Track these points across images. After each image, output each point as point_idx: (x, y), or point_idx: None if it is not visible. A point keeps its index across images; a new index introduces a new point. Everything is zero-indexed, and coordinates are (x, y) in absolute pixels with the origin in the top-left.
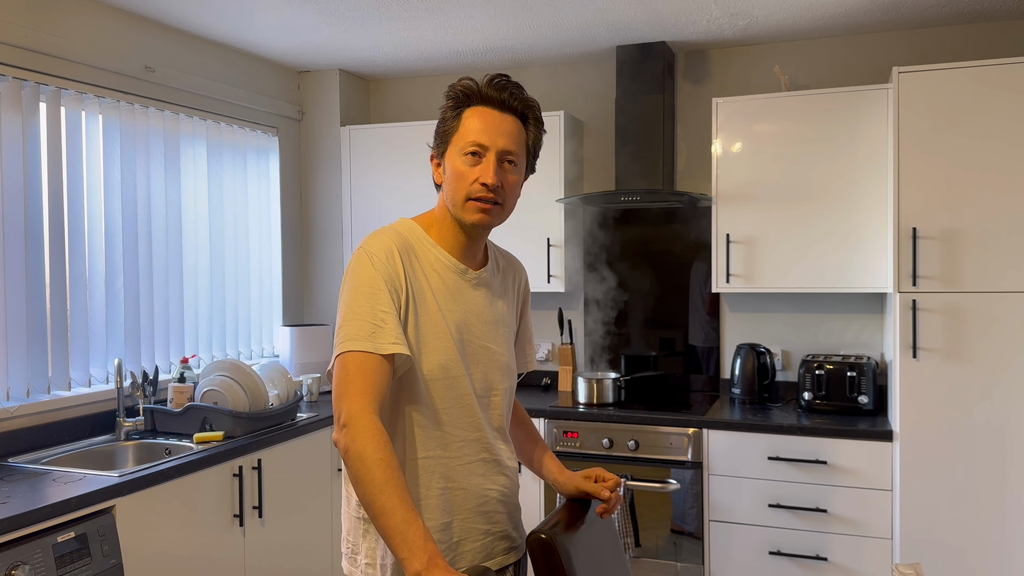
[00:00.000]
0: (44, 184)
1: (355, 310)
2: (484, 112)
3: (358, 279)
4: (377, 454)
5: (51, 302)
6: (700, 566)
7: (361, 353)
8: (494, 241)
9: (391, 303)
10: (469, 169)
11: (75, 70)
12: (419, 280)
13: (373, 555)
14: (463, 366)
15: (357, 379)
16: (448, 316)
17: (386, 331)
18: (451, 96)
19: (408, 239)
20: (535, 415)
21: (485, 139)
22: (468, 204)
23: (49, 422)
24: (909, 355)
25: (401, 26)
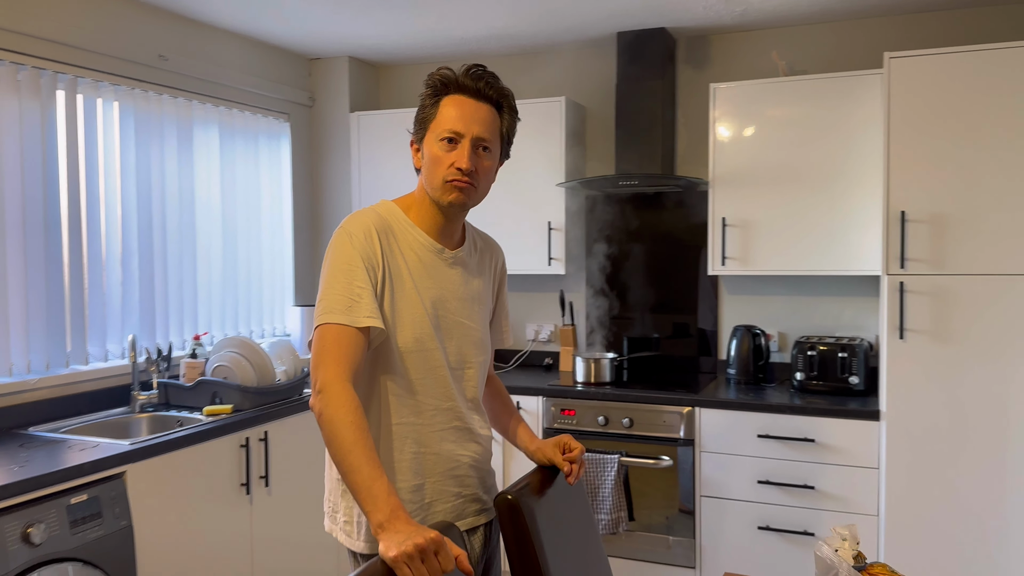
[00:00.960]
0: (62, 168)
1: (333, 285)
2: (461, 101)
3: (337, 256)
4: (348, 417)
5: (69, 281)
6: (691, 540)
7: (338, 325)
8: (495, 223)
9: (367, 279)
10: (445, 154)
11: (91, 59)
12: (396, 258)
13: (350, 514)
14: (437, 340)
15: (333, 349)
16: (423, 292)
17: (362, 305)
18: (430, 85)
19: (387, 220)
20: (535, 393)
21: (460, 126)
22: (445, 186)
23: (68, 394)
24: (896, 336)
25: (405, 14)
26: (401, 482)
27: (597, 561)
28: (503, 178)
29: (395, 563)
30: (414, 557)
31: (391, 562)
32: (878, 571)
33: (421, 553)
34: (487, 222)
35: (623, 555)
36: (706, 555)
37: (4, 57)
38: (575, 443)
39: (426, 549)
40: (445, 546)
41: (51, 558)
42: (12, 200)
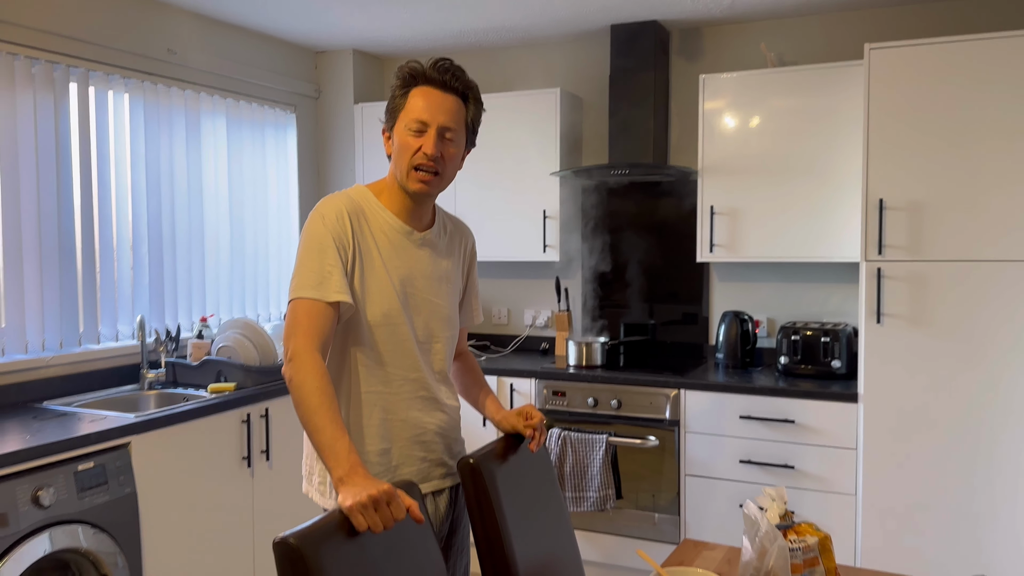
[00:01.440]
0: (75, 158)
1: (306, 263)
2: (428, 92)
3: (310, 236)
4: (314, 383)
5: (82, 265)
6: (676, 517)
7: (308, 300)
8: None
9: (338, 258)
10: (413, 141)
11: (103, 53)
12: (366, 239)
13: (324, 476)
14: (405, 315)
15: (303, 321)
16: (392, 271)
17: (332, 282)
18: (399, 77)
19: (359, 202)
20: (528, 376)
21: (427, 116)
22: (412, 173)
23: (80, 372)
24: (874, 320)
25: (401, 8)
26: (369, 446)
27: (558, 521)
28: (499, 168)
29: (351, 511)
30: (367, 506)
31: (347, 511)
32: (803, 529)
33: (374, 503)
34: (484, 210)
35: (611, 531)
36: (690, 531)
37: (19, 51)
38: (536, 412)
39: (379, 499)
40: (397, 497)
41: (60, 520)
42: (27, 188)
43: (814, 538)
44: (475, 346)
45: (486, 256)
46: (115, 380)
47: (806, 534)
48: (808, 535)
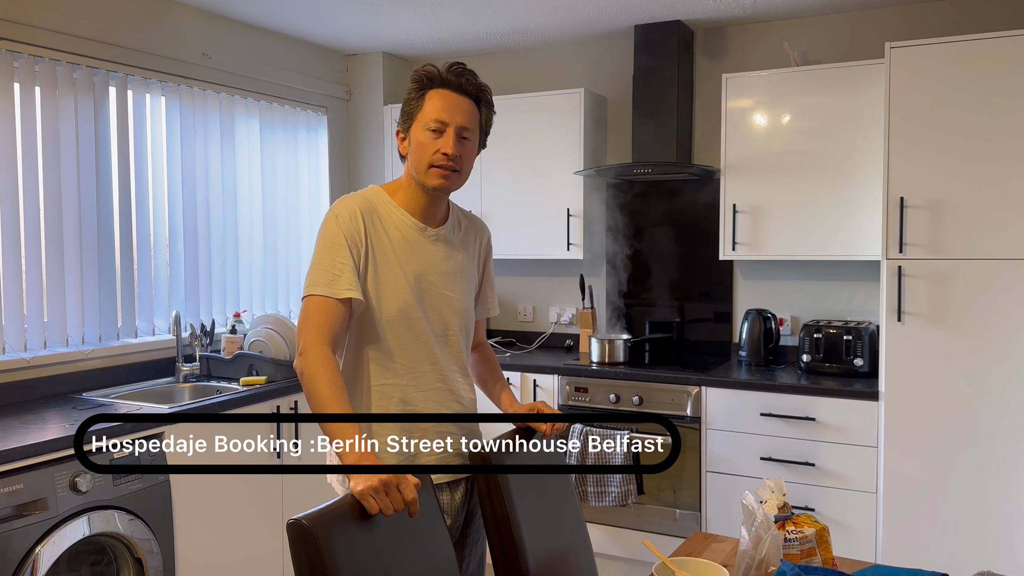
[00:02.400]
0: (114, 159)
1: (319, 261)
2: (445, 94)
3: (324, 236)
4: (325, 376)
5: (120, 262)
6: (697, 513)
7: (320, 297)
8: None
9: (349, 256)
10: (432, 141)
11: (140, 58)
12: (380, 237)
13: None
14: (420, 310)
15: (315, 317)
16: (406, 267)
17: (343, 279)
18: (416, 80)
19: (373, 202)
20: (551, 372)
21: (446, 116)
22: (431, 171)
23: (118, 364)
24: (895, 319)
25: (428, 12)
26: (389, 435)
27: (569, 513)
28: (524, 167)
29: (362, 495)
30: (378, 490)
31: (359, 495)
32: (802, 520)
33: (384, 486)
34: (509, 208)
35: (632, 526)
36: (711, 527)
37: (61, 58)
38: (549, 409)
39: (388, 483)
40: (406, 480)
41: (96, 505)
42: (69, 188)
43: (811, 529)
44: (500, 343)
45: (512, 254)
46: (151, 373)
47: (804, 525)
48: (806, 526)
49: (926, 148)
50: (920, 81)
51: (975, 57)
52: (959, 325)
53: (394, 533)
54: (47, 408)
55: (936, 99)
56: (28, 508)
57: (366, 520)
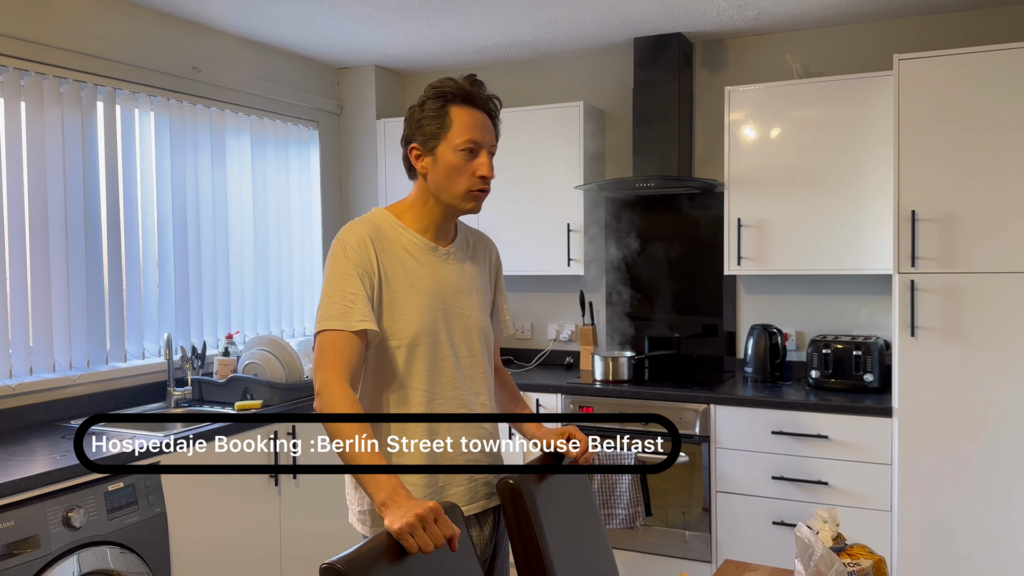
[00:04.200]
0: (102, 176)
1: (329, 294)
2: (472, 112)
3: (333, 267)
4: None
5: (109, 282)
6: (707, 535)
7: (334, 331)
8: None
9: (360, 286)
10: (466, 164)
11: (129, 72)
12: (392, 261)
13: (363, 503)
14: (439, 332)
15: (330, 353)
16: (422, 289)
17: (355, 311)
18: (437, 95)
19: (380, 226)
20: (554, 391)
21: (479, 136)
22: (468, 195)
23: (107, 390)
24: (908, 334)
25: (425, 24)
26: (413, 478)
27: (598, 542)
28: (523, 181)
29: (400, 534)
30: (416, 526)
31: (397, 534)
32: (856, 552)
33: (422, 522)
34: (508, 223)
35: (640, 549)
36: (722, 549)
37: (47, 71)
38: (580, 435)
39: (426, 517)
40: (443, 514)
41: (90, 541)
42: (55, 206)
43: (868, 561)
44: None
45: (510, 270)
46: (142, 398)
47: (860, 557)
48: (862, 558)
49: (936, 160)
50: (929, 93)
51: (984, 68)
52: (974, 340)
53: (429, 573)
54: (34, 438)
55: (945, 111)
56: (20, 546)
57: (400, 561)
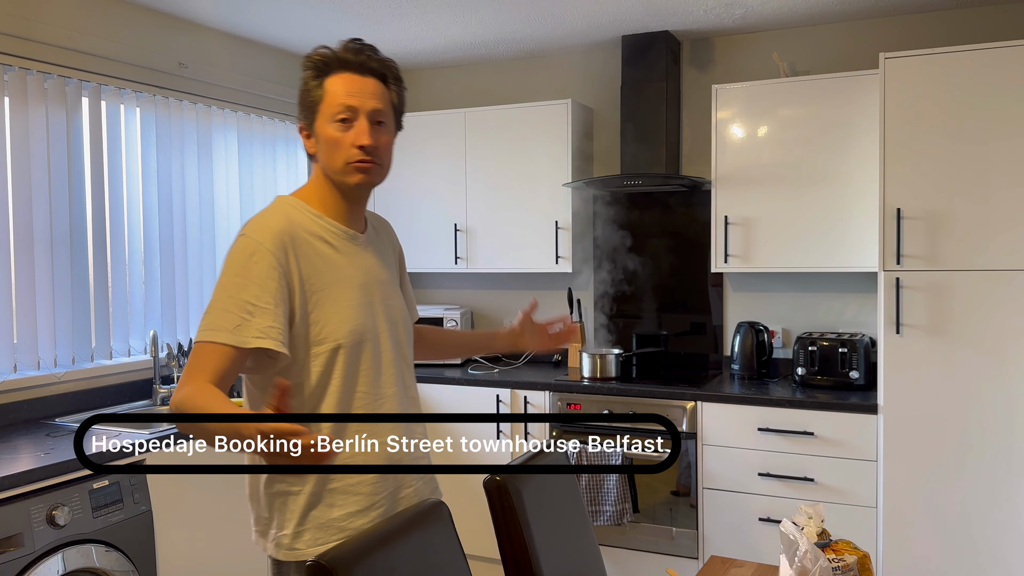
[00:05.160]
0: (87, 173)
1: (224, 300)
2: (348, 77)
3: (236, 267)
4: (196, 394)
5: (94, 279)
6: (694, 531)
7: (216, 345)
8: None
9: (267, 295)
10: (343, 135)
11: (114, 68)
12: (312, 257)
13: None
14: (375, 328)
15: (203, 365)
16: (350, 282)
17: (252, 324)
18: (310, 66)
19: (295, 218)
20: (542, 388)
21: (354, 102)
22: (348, 168)
23: (92, 387)
24: (893, 331)
25: (414, 21)
26: (363, 478)
27: (585, 539)
28: (510, 179)
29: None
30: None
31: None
32: (841, 547)
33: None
34: (494, 221)
35: (627, 546)
36: (709, 545)
37: (31, 66)
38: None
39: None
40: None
41: (75, 539)
42: (39, 203)
43: (853, 557)
44: (486, 358)
45: (498, 267)
46: (127, 396)
47: (844, 552)
48: (847, 554)
49: (922, 159)
50: (915, 91)
51: (970, 67)
52: (958, 337)
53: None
54: (18, 436)
55: (931, 110)
56: (3, 545)
57: (386, 556)
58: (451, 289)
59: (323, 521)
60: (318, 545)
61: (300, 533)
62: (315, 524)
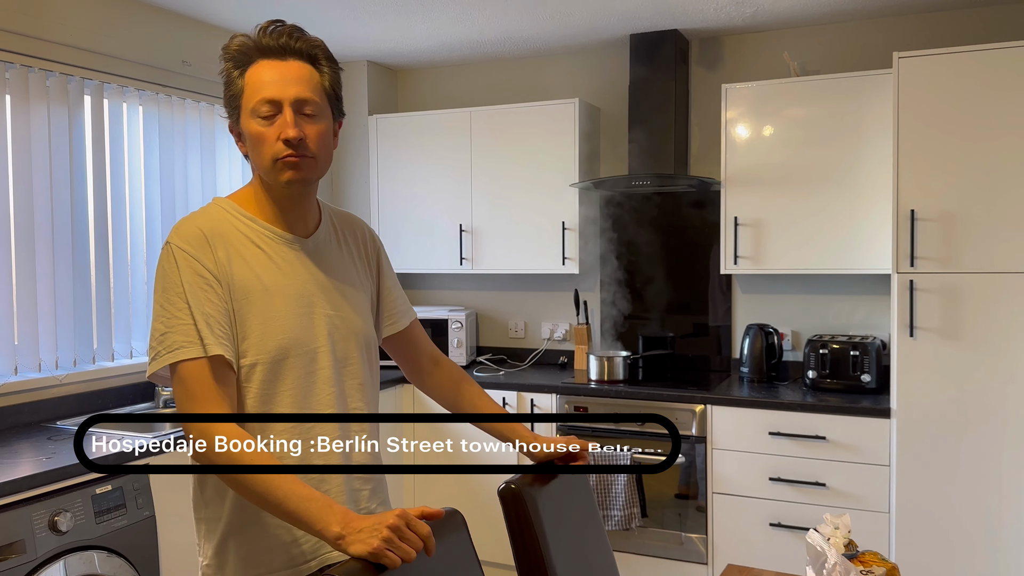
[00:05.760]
0: (89, 171)
1: (174, 314)
2: (267, 65)
3: (168, 279)
4: (246, 457)
5: (96, 280)
6: (704, 536)
7: (192, 361)
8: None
9: (208, 298)
10: (267, 130)
11: (117, 65)
12: (240, 262)
13: (209, 554)
14: (308, 342)
15: (199, 392)
16: (282, 292)
17: (212, 331)
18: (229, 58)
19: (222, 220)
20: (548, 391)
21: (274, 92)
22: (276, 165)
23: (94, 390)
24: (907, 334)
25: (419, 19)
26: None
27: (599, 545)
28: (517, 179)
29: (378, 554)
30: (392, 539)
31: (374, 555)
32: (869, 559)
33: (397, 532)
34: (500, 221)
35: (636, 551)
36: (719, 551)
37: (33, 64)
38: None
39: (398, 526)
40: (411, 516)
41: (77, 546)
42: (41, 202)
43: (882, 568)
44: (491, 360)
45: (504, 268)
46: (129, 398)
47: (872, 564)
48: (876, 565)
49: (936, 160)
50: (929, 91)
51: (984, 67)
52: (973, 340)
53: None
54: (19, 439)
55: (946, 110)
56: (4, 552)
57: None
58: (456, 290)
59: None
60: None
61: (224, 564)
62: (236, 555)
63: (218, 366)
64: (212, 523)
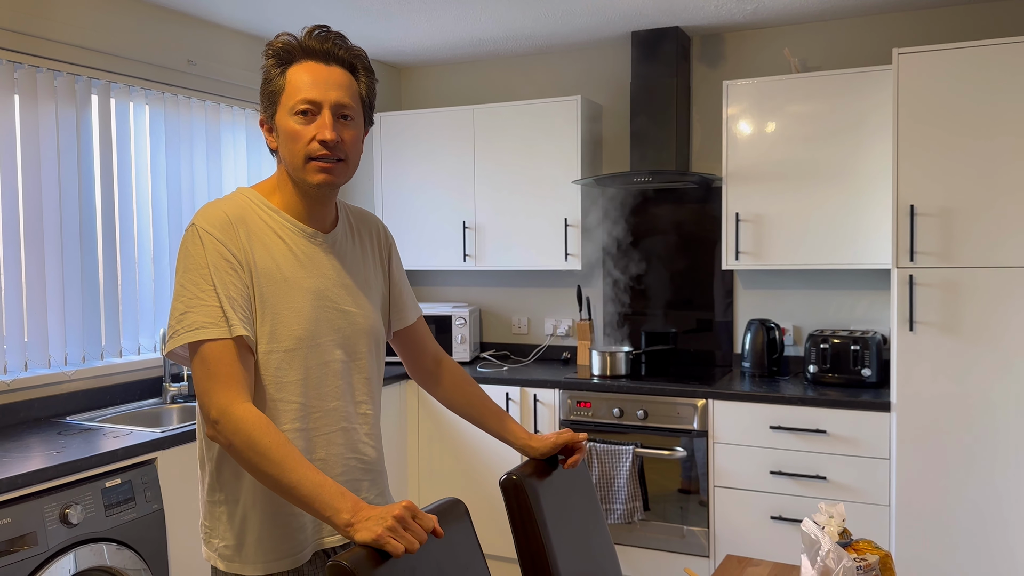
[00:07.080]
0: (96, 170)
1: (196, 295)
2: (310, 67)
3: (193, 260)
4: (265, 439)
5: (104, 277)
6: (705, 529)
7: (215, 341)
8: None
9: (233, 281)
10: (303, 128)
11: (123, 65)
12: (262, 251)
13: (229, 537)
14: (322, 334)
15: (219, 370)
16: (301, 285)
17: (235, 313)
18: (272, 54)
19: (247, 208)
20: (551, 386)
21: (316, 94)
22: (309, 165)
23: (102, 386)
24: (906, 328)
25: (422, 18)
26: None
27: (600, 537)
28: (519, 176)
29: (382, 541)
30: (396, 528)
31: (377, 542)
32: (863, 547)
33: (402, 522)
34: (503, 218)
35: (638, 544)
36: (720, 544)
37: (40, 64)
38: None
39: (403, 517)
40: (418, 509)
41: (87, 538)
42: (50, 200)
43: (875, 556)
44: (495, 355)
45: (507, 265)
46: (137, 394)
47: (866, 552)
48: (869, 553)
49: (935, 155)
50: (929, 87)
51: (984, 63)
52: (972, 334)
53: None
54: (31, 434)
55: (945, 106)
56: (16, 544)
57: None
58: (459, 287)
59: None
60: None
61: (242, 546)
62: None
63: (240, 348)
64: (231, 505)
